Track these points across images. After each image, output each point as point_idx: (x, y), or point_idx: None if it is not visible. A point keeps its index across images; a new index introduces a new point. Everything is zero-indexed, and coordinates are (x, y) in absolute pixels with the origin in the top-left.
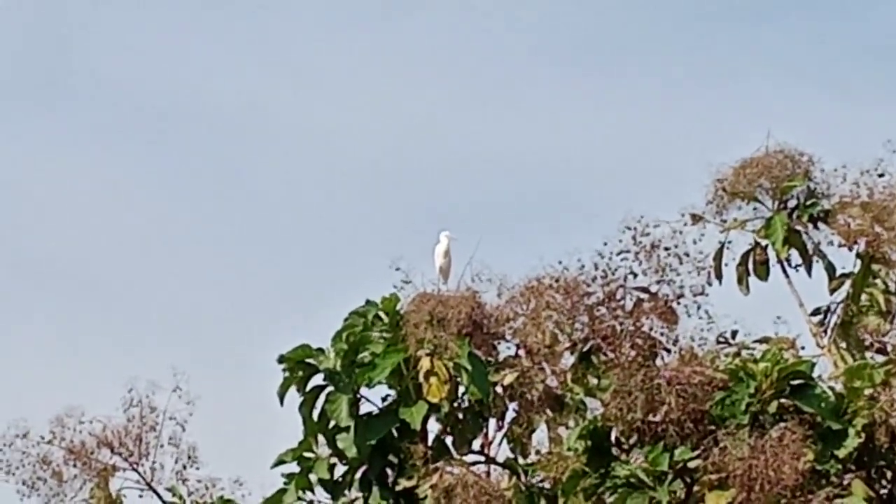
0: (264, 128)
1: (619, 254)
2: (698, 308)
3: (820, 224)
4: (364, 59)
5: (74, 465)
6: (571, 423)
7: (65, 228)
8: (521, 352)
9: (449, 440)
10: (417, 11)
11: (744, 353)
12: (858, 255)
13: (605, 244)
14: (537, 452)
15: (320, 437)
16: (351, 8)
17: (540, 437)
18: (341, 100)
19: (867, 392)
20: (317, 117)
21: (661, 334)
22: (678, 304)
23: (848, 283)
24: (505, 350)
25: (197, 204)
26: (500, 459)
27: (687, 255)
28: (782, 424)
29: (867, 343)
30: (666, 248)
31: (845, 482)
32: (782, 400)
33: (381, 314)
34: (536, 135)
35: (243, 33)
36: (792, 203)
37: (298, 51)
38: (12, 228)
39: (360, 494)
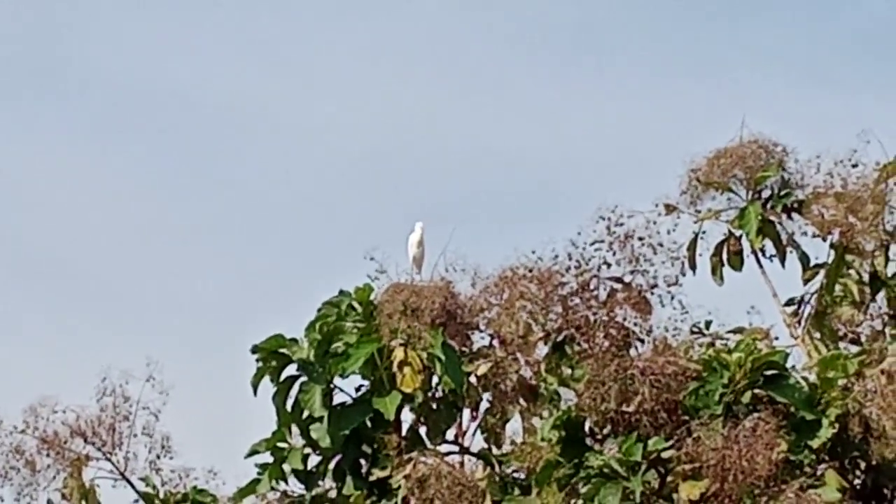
0: (251, 120)
1: (592, 244)
2: (672, 298)
3: (794, 214)
4: (356, 53)
5: (48, 455)
6: (545, 414)
7: (38, 217)
8: (495, 342)
9: (423, 430)
10: (411, 6)
11: (717, 343)
12: (832, 246)
13: (579, 234)
14: (511, 443)
15: (294, 428)
16: (345, 2)
17: (514, 427)
18: (330, 93)
19: (841, 382)
20: (306, 111)
21: (635, 324)
22: (652, 294)
23: (822, 273)
24: (479, 340)
25: (174, 194)
26: (474, 450)
27: (661, 245)
28: (756, 415)
29: (841, 333)
30: (640, 239)
31: (819, 472)
32: (756, 390)
33: (355, 304)
34: (516, 127)
35: (238, 28)
36: (766, 193)
37: (293, 45)
38: None
39: (334, 484)
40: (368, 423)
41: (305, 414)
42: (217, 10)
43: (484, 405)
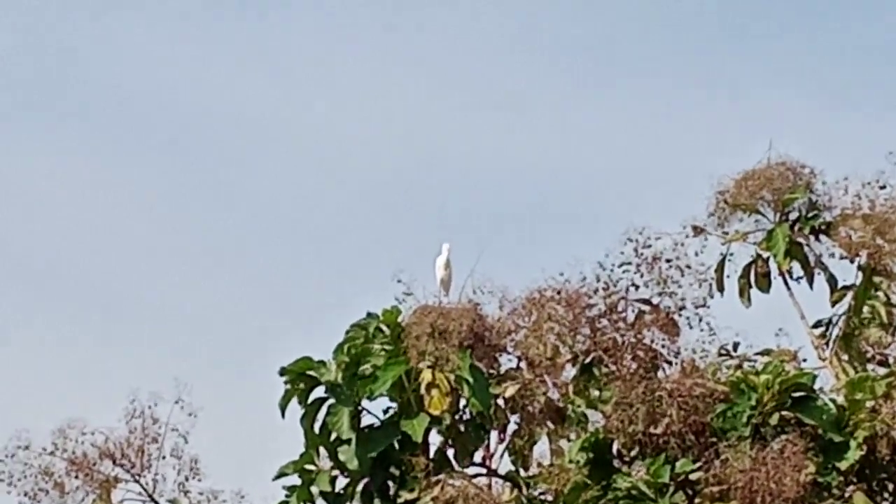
0: (271, 136)
1: (620, 265)
2: (700, 320)
3: (821, 236)
4: (368, 67)
5: (76, 477)
6: (573, 436)
7: (65, 235)
8: (523, 364)
9: (450, 452)
10: (421, 19)
11: (745, 365)
12: (860, 268)
13: (607, 256)
14: (539, 465)
15: (322, 450)
16: (353, 15)
17: (541, 449)
18: (345, 109)
19: (869, 404)
20: (321, 127)
21: (663, 346)
22: (680, 316)
23: (849, 295)
24: (506, 362)
25: (200, 213)
26: (502, 472)
27: (689, 267)
28: (784, 437)
29: (869, 355)
30: (668, 260)
31: (847, 494)
32: (784, 412)
33: (383, 326)
34: (540, 145)
35: (243, 40)
36: (793, 215)
37: (303, 59)
38: (13, 234)
39: None
40: (396, 446)
41: (333, 436)
42: (229, 24)
43: (511, 427)
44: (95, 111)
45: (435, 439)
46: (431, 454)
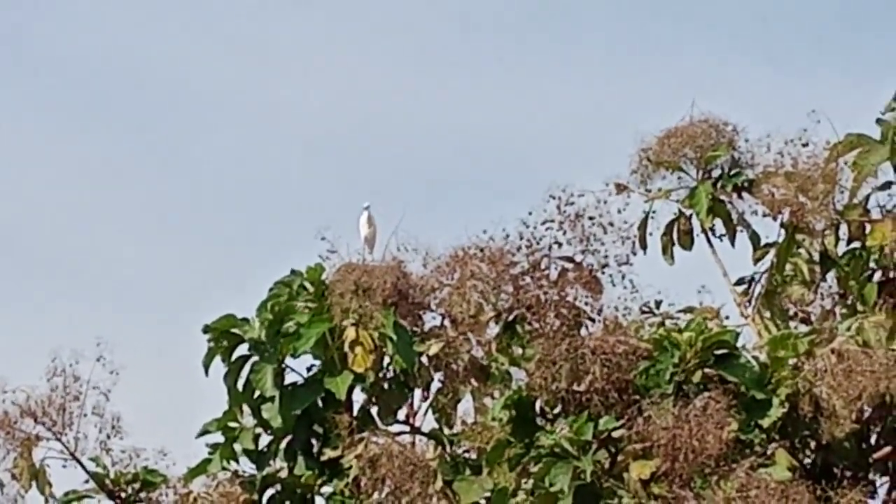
0: (206, 100)
1: (543, 223)
2: (623, 278)
3: (744, 194)
4: (315, 32)
5: None
6: (496, 393)
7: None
8: (447, 322)
9: (374, 410)
10: None
11: (668, 322)
12: (783, 225)
13: (530, 213)
14: (463, 423)
15: (245, 408)
16: None
17: (465, 407)
18: (289, 73)
19: (791, 362)
20: (263, 91)
21: (586, 304)
22: (603, 273)
23: (772, 252)
24: (430, 320)
25: (129, 174)
26: (426, 430)
27: (611, 224)
28: (706, 394)
29: (791, 313)
30: (590, 218)
31: (769, 451)
32: (706, 370)
33: (307, 284)
34: (471, 107)
35: (196, 8)
36: (716, 173)
37: (251, 24)
38: None
39: (285, 464)
40: (320, 403)
41: (257, 394)
42: None
43: (435, 385)
44: (42, 74)
45: (359, 397)
46: (355, 412)
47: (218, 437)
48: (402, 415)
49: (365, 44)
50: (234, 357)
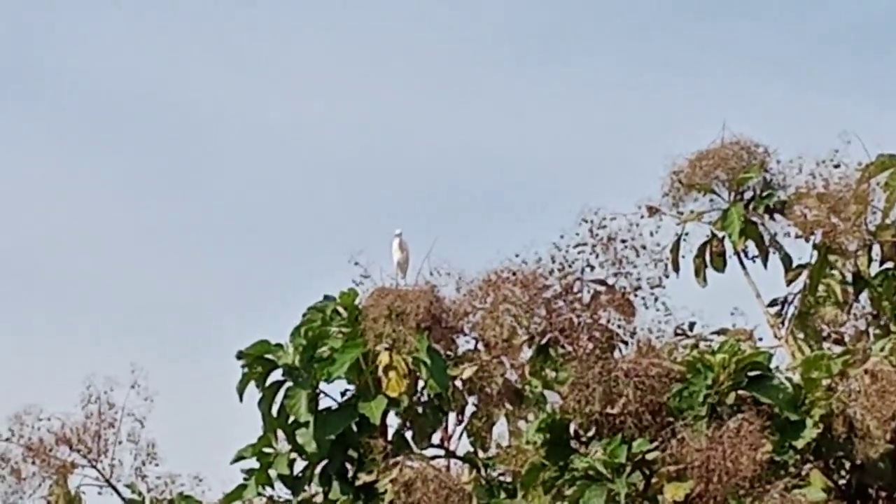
0: (228, 122)
1: (576, 246)
2: (655, 300)
3: (776, 215)
4: (335, 55)
5: (33, 463)
6: (531, 417)
7: (19, 224)
8: (480, 345)
9: (408, 434)
10: (378, 5)
11: (701, 344)
12: (815, 246)
13: (562, 237)
14: (497, 446)
15: (280, 433)
16: (311, 3)
17: (500, 430)
18: (302, 93)
19: (824, 382)
20: (278, 111)
21: (619, 326)
22: (635, 296)
23: (805, 273)
24: (464, 344)
25: (157, 200)
26: (460, 453)
27: (644, 247)
28: (740, 415)
29: (824, 334)
30: (623, 241)
31: (803, 472)
32: (740, 391)
33: (340, 309)
34: (497, 127)
35: (215, 31)
36: (748, 194)
37: (258, 44)
38: None
39: (320, 489)
40: (354, 428)
41: (291, 419)
42: (194, 14)
43: (469, 409)
44: (55, 98)
45: (393, 421)
46: (389, 436)
47: (253, 463)
48: (436, 439)
49: (398, 67)
50: (268, 382)
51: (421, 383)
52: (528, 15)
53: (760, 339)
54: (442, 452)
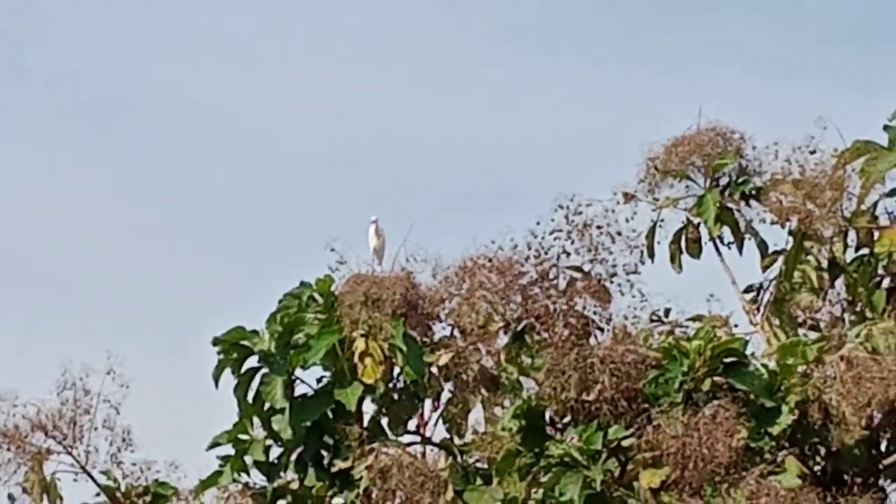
0: (209, 115)
1: (551, 233)
2: (631, 286)
3: (752, 201)
4: (322, 49)
5: (8, 449)
6: (506, 403)
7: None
8: (456, 332)
9: (384, 421)
10: (376, 2)
11: (677, 331)
12: (790, 233)
13: (538, 223)
14: (473, 432)
15: (255, 419)
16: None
17: (475, 417)
18: (286, 86)
19: (800, 369)
20: (269, 105)
21: (595, 313)
22: (611, 282)
23: (780, 260)
24: (440, 330)
25: (136, 189)
26: (436, 440)
27: (619, 233)
28: (716, 402)
29: (800, 320)
30: (598, 227)
31: (779, 459)
32: (715, 378)
33: (316, 295)
34: (476, 119)
35: (205, 25)
36: (724, 181)
37: (249, 37)
38: None
39: (296, 476)
40: (330, 415)
41: (267, 405)
42: (186, 9)
43: (445, 395)
44: (52, 96)
45: (369, 408)
46: (365, 423)
47: (228, 450)
48: (412, 425)
49: (373, 58)
50: (243, 369)
51: (397, 370)
52: (508, 11)
53: (736, 326)
54: (418, 439)
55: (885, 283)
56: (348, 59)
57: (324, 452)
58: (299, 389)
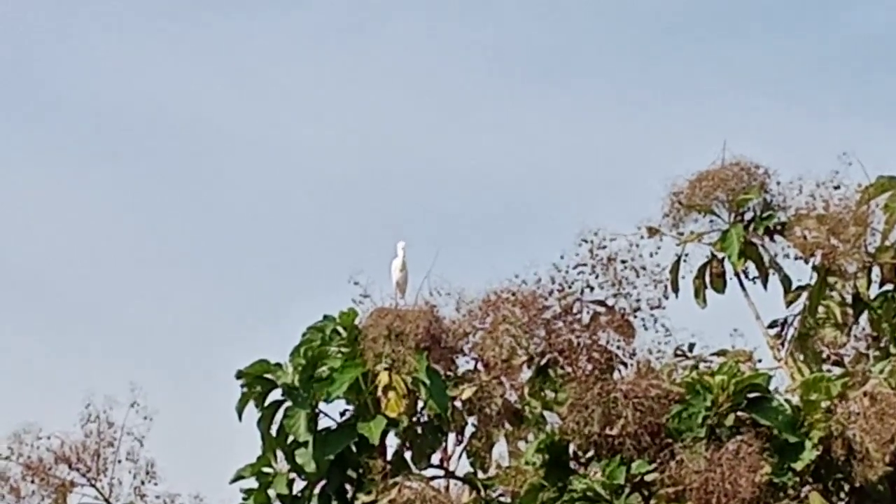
0: (227, 142)
1: (575, 267)
2: (655, 321)
3: (776, 236)
4: (337, 76)
5: (32, 481)
6: (530, 437)
7: (20, 242)
8: (480, 366)
9: (408, 455)
10: (380, 28)
11: (701, 366)
12: (815, 268)
13: (562, 257)
14: (497, 466)
15: (279, 453)
16: (314, 25)
17: (499, 451)
18: (304, 114)
19: (824, 405)
20: (280, 132)
21: (618, 347)
22: (635, 317)
23: (804, 295)
24: (463, 364)
25: (157, 219)
26: (460, 474)
27: (643, 268)
28: (739, 437)
29: (824, 356)
30: (622, 261)
31: (802, 495)
32: (739, 413)
33: (339, 329)
34: (497, 149)
35: (217, 51)
36: (748, 216)
37: (262, 65)
38: None
39: None
40: (353, 448)
41: (290, 439)
42: (196, 33)
43: (469, 429)
44: (58, 118)
45: (392, 441)
46: (389, 456)
47: (252, 483)
48: (435, 459)
49: (398, 86)
50: (267, 402)
51: (420, 403)
52: (529, 37)
53: (760, 361)
54: (441, 473)
55: None
56: (367, 86)
57: (347, 486)
58: (323, 423)
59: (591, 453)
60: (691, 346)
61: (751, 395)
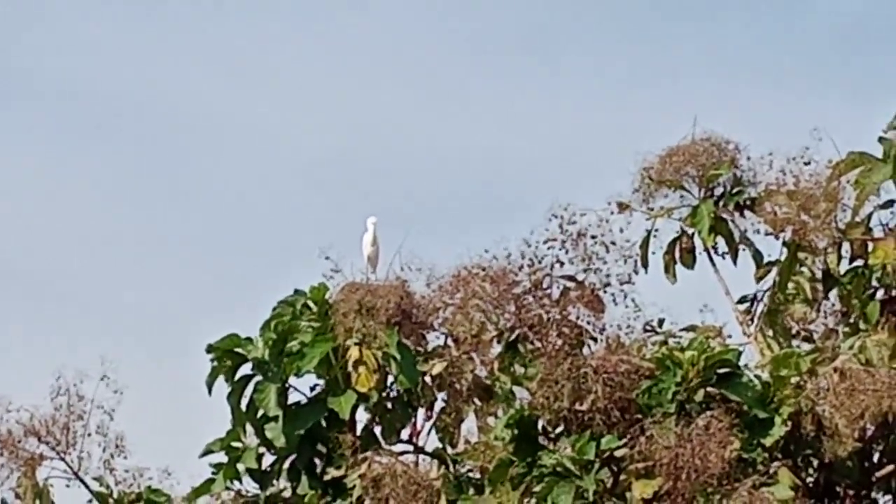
0: (203, 123)
1: (545, 242)
2: (625, 296)
3: (746, 212)
4: (314, 57)
5: (1, 454)
6: (499, 413)
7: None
8: (450, 341)
9: (377, 430)
10: (362, 8)
11: (670, 341)
12: (785, 244)
13: (532, 233)
14: (466, 442)
15: (248, 427)
16: (298, 5)
17: (469, 426)
18: (288, 96)
19: (793, 380)
20: (263, 113)
21: (588, 323)
22: (605, 292)
23: (774, 271)
24: (434, 340)
25: (126, 195)
26: (429, 449)
27: (613, 243)
28: (709, 413)
29: (793, 331)
30: (592, 237)
31: (771, 470)
32: (709, 388)
33: (310, 303)
34: (471, 128)
35: (200, 35)
36: (718, 191)
37: (244, 47)
38: None
39: (289, 484)
40: (323, 423)
41: (260, 413)
42: (180, 18)
43: (439, 404)
44: (43, 105)
45: (362, 416)
46: (358, 431)
47: (221, 457)
48: (405, 434)
49: (367, 67)
50: (237, 376)
51: (391, 378)
52: (504, 20)
53: (729, 337)
54: (411, 448)
55: (879, 294)
56: (342, 69)
57: (317, 461)
58: (293, 397)
59: (560, 429)
60: (661, 322)
61: (720, 371)
